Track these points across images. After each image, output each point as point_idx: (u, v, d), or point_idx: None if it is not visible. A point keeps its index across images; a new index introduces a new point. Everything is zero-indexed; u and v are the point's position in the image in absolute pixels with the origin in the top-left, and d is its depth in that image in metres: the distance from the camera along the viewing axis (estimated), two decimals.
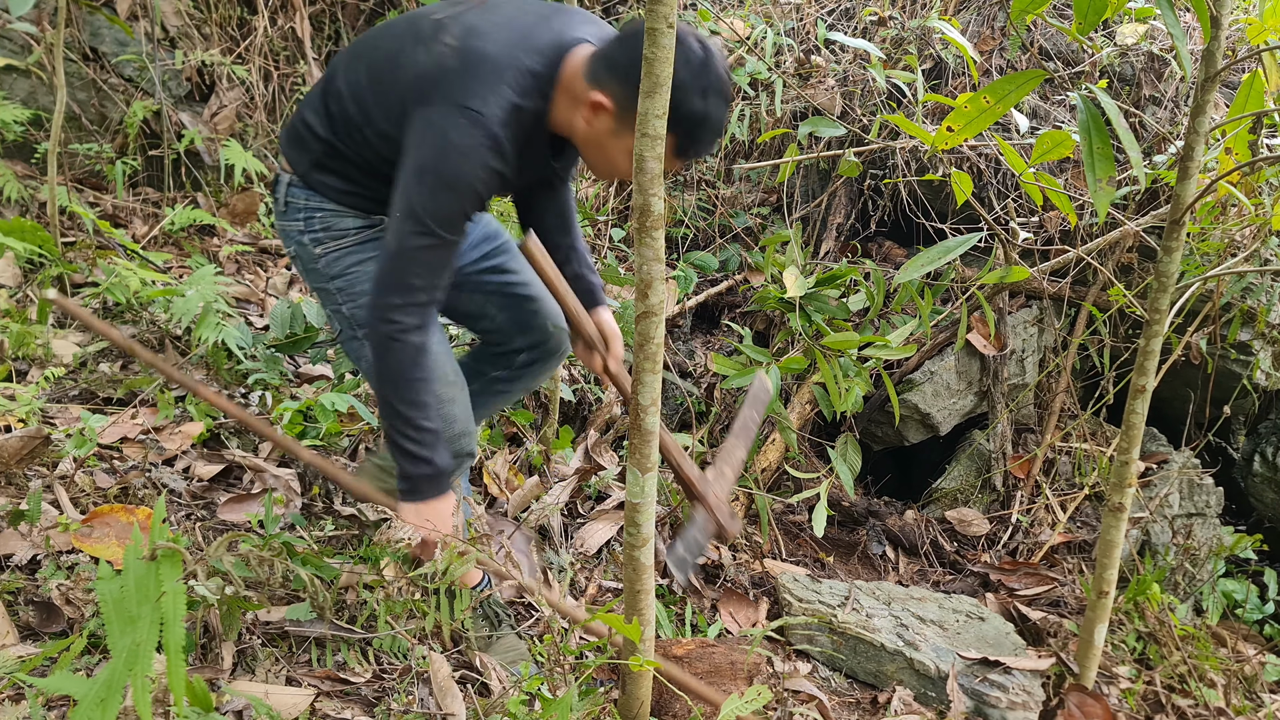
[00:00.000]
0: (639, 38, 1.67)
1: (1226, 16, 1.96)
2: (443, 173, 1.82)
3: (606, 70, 1.86)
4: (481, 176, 1.84)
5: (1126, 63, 4.32)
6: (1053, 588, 3.47)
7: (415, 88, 1.88)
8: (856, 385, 3.27)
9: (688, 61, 1.79)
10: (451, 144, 1.81)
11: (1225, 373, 4.21)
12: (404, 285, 1.87)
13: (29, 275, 3.52)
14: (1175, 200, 2.10)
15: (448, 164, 1.82)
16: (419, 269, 1.87)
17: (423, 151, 1.84)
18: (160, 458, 2.83)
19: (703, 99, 1.83)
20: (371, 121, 1.97)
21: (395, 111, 1.92)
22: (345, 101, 2.00)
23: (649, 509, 1.83)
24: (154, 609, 1.37)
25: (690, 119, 1.84)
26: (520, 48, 1.90)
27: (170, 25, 4.51)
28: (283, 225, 2.14)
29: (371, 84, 1.97)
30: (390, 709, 2.00)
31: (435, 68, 1.87)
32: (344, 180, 2.06)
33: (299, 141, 2.09)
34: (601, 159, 1.99)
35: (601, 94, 1.86)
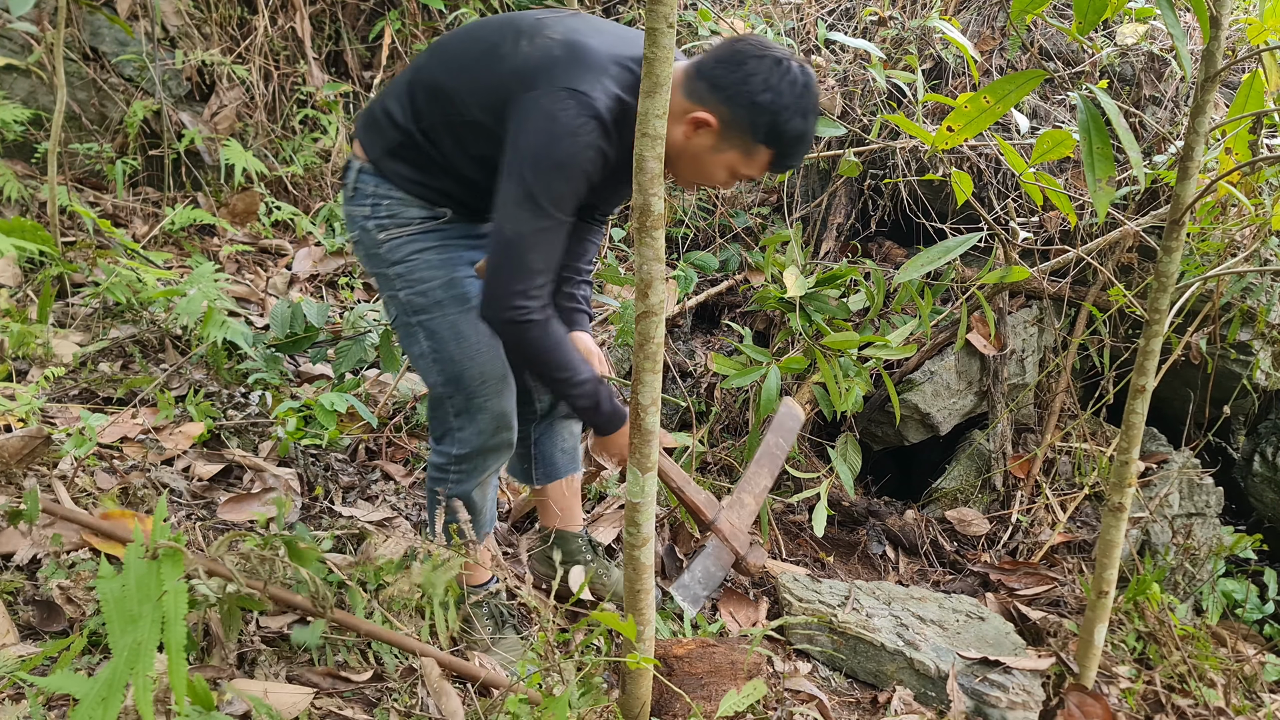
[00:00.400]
0: (736, 58, 1.91)
1: (1226, 17, 1.96)
2: (553, 153, 1.87)
3: (710, 89, 1.94)
4: (590, 155, 1.89)
5: (1126, 63, 4.32)
6: (1053, 587, 3.47)
7: (520, 75, 1.93)
8: (856, 385, 3.26)
9: (793, 84, 1.91)
10: (560, 125, 1.86)
11: (1225, 373, 4.21)
12: (525, 270, 1.92)
13: (29, 275, 3.52)
14: (1175, 200, 2.10)
15: (557, 145, 1.87)
16: (537, 252, 1.93)
17: (531, 136, 1.89)
18: (160, 457, 2.83)
19: (804, 120, 1.95)
20: (462, 111, 2.01)
21: (493, 100, 1.97)
22: (434, 92, 2.05)
23: (649, 509, 1.83)
24: (155, 608, 1.37)
25: (791, 137, 1.96)
26: (621, 49, 2.00)
27: (170, 25, 4.51)
28: (349, 210, 2.19)
29: (466, 74, 2.02)
30: (390, 709, 2.00)
31: (542, 56, 1.94)
32: (414, 170, 2.10)
33: (376, 128, 2.13)
34: (694, 170, 2.06)
35: (705, 111, 1.94)
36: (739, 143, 1.97)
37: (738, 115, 1.92)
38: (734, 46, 1.95)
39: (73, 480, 2.52)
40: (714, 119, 1.94)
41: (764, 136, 1.95)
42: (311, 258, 4.38)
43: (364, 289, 4.34)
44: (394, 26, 5.00)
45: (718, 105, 1.94)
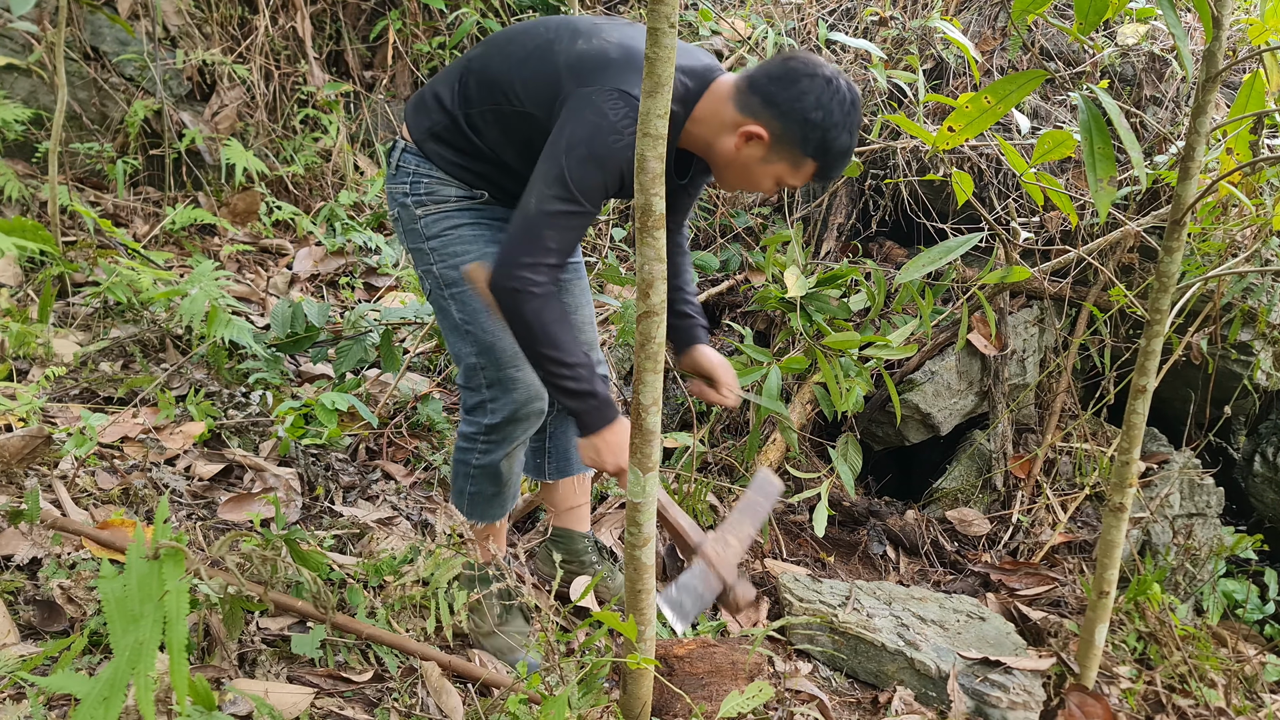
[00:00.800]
0: (791, 75, 2.00)
1: (1228, 17, 1.96)
2: (595, 146, 1.93)
3: (763, 104, 2.02)
4: (629, 156, 1.92)
5: (1127, 63, 4.32)
6: (1053, 588, 3.47)
7: (574, 71, 2.01)
8: (857, 385, 3.26)
9: (842, 103, 2.00)
10: (608, 121, 1.93)
11: (1226, 373, 4.21)
12: (537, 245, 1.96)
13: (30, 274, 3.52)
14: (1176, 200, 2.10)
15: (600, 139, 1.93)
16: (555, 232, 1.96)
17: (577, 126, 1.95)
18: (161, 457, 2.83)
19: (850, 136, 2.04)
20: (512, 101, 2.09)
21: (545, 93, 2.04)
22: (486, 81, 2.13)
23: (650, 509, 1.83)
24: (157, 608, 1.37)
25: (838, 151, 2.04)
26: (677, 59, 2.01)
27: (171, 24, 4.51)
28: (390, 188, 2.27)
29: (521, 66, 2.10)
30: (390, 709, 2.00)
31: (598, 55, 2.02)
32: (456, 153, 2.18)
33: (424, 109, 2.21)
34: (743, 178, 2.14)
35: (757, 124, 2.02)
36: (788, 155, 2.05)
37: (789, 130, 2.00)
38: (788, 64, 2.03)
39: (73, 480, 2.52)
40: (766, 132, 2.02)
41: (813, 150, 2.03)
42: (312, 257, 4.38)
43: (364, 289, 4.34)
44: (395, 26, 5.00)
45: (771, 120, 2.01)
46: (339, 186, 4.82)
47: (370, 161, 5.03)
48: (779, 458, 3.74)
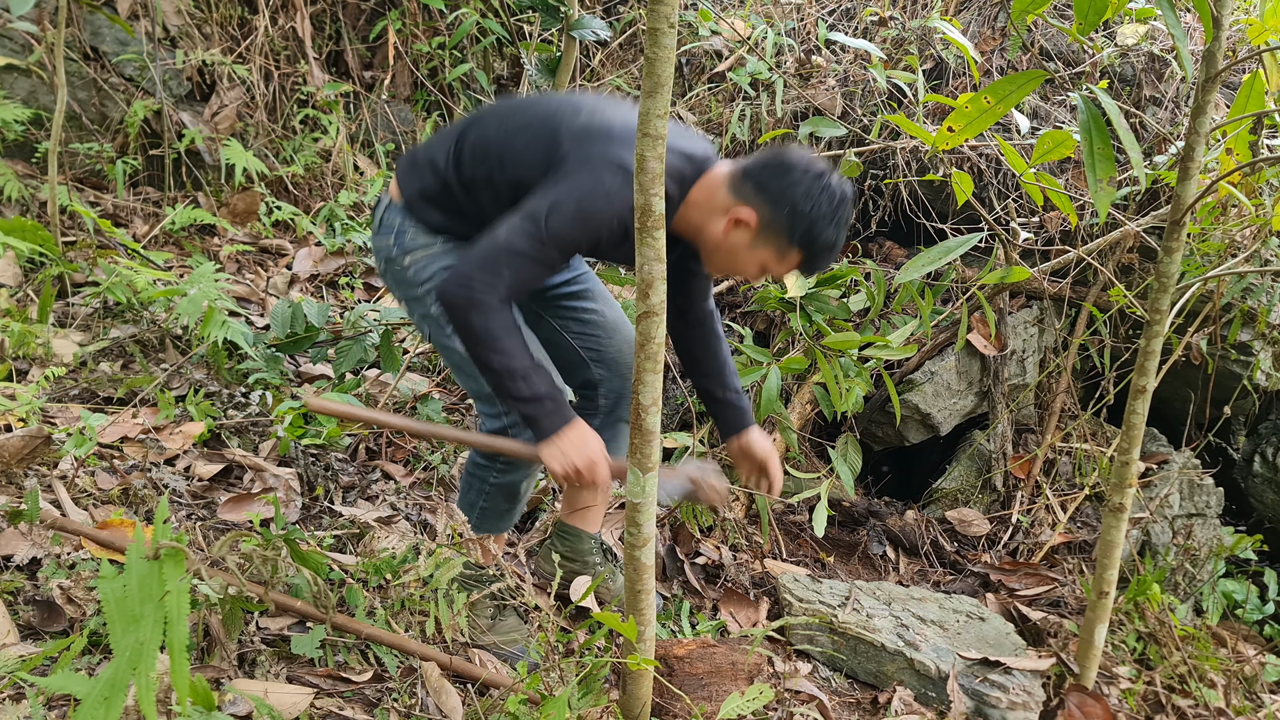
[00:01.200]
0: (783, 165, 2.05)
1: (1227, 17, 1.96)
2: (583, 205, 1.97)
3: (755, 190, 2.06)
4: (612, 225, 1.99)
5: (1127, 63, 4.32)
6: (1053, 588, 3.47)
7: (578, 138, 2.04)
8: (857, 385, 3.27)
9: (831, 197, 2.04)
10: (602, 187, 1.97)
11: (1225, 373, 4.21)
12: (493, 269, 1.96)
13: (29, 275, 3.52)
14: (1176, 201, 2.10)
15: (591, 201, 1.97)
16: (511, 270, 1.97)
17: (572, 182, 1.99)
18: (161, 457, 2.83)
19: (836, 230, 2.07)
20: (507, 167, 2.11)
21: (542, 157, 2.07)
22: (483, 148, 2.15)
23: (649, 509, 1.83)
24: (157, 608, 1.37)
25: (822, 243, 2.07)
26: (677, 142, 2.11)
27: (171, 24, 4.51)
28: (375, 243, 2.29)
29: (519, 134, 2.13)
30: (390, 709, 2.00)
31: (603, 127, 2.06)
32: (445, 215, 2.20)
33: (415, 171, 2.23)
34: (729, 262, 2.17)
35: (748, 209, 2.06)
36: (775, 242, 2.08)
37: (778, 217, 2.04)
38: (783, 155, 2.08)
39: (73, 480, 2.52)
40: (755, 218, 2.06)
41: (799, 240, 2.06)
42: (312, 257, 4.38)
43: (364, 289, 4.34)
44: (395, 26, 5.00)
45: (761, 205, 2.05)
46: (339, 187, 4.82)
47: (370, 162, 5.03)
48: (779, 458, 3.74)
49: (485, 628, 2.37)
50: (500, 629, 2.39)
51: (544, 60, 2.86)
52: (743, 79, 4.57)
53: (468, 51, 5.16)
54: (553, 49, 2.90)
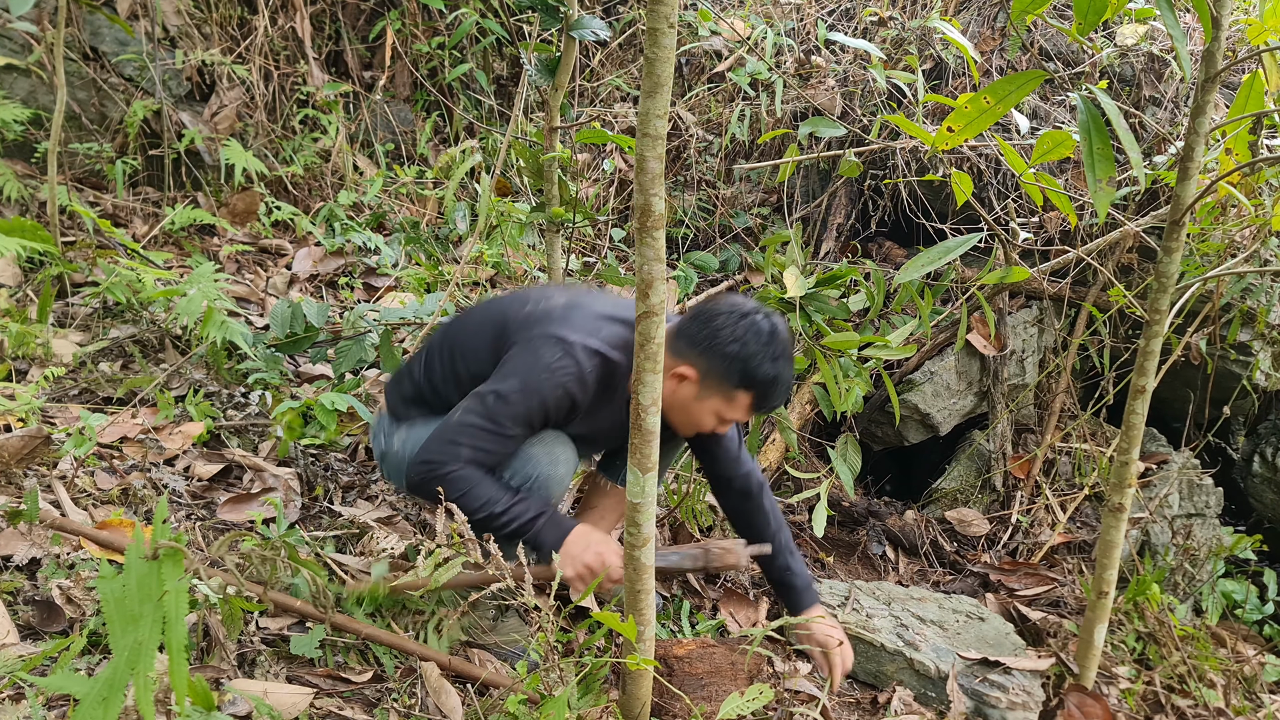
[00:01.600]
0: (706, 315, 2.15)
1: (1227, 17, 1.96)
2: (526, 379, 2.11)
3: (687, 345, 2.16)
4: (557, 394, 2.12)
5: (1126, 63, 4.32)
6: (1052, 588, 3.47)
7: (522, 326, 2.21)
8: (856, 385, 3.26)
9: (758, 334, 2.12)
10: (541, 361, 2.12)
11: (1225, 373, 4.21)
12: (449, 444, 2.10)
13: (29, 275, 3.52)
14: (1175, 201, 2.10)
15: (532, 374, 2.11)
16: (467, 438, 2.10)
17: (516, 363, 2.15)
18: (160, 457, 2.83)
19: (774, 364, 2.14)
20: (469, 363, 2.29)
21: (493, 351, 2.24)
22: (449, 348, 2.35)
23: (649, 509, 1.83)
24: (156, 608, 1.37)
25: (764, 380, 2.14)
26: (616, 313, 2.25)
27: (171, 24, 4.51)
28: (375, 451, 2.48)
29: (477, 333, 2.32)
30: (390, 709, 2.00)
31: (543, 312, 2.23)
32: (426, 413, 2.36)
33: (397, 382, 2.46)
34: (685, 419, 2.26)
35: (685, 366, 2.16)
36: (718, 390, 2.16)
37: (712, 366, 2.13)
38: (705, 305, 2.20)
39: (72, 480, 2.52)
40: (694, 372, 2.15)
41: (739, 382, 2.14)
42: (311, 258, 4.38)
43: (364, 289, 4.34)
44: (394, 26, 5.00)
45: (695, 359, 2.15)
46: (338, 187, 4.82)
47: (369, 162, 5.03)
48: (778, 458, 3.74)
49: (487, 628, 2.37)
50: (502, 629, 2.39)
51: (543, 60, 2.86)
52: (742, 79, 4.57)
53: (467, 51, 5.16)
54: (552, 49, 2.90)
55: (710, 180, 4.80)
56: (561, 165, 3.03)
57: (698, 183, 4.78)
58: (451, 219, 4.55)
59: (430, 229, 4.64)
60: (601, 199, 4.65)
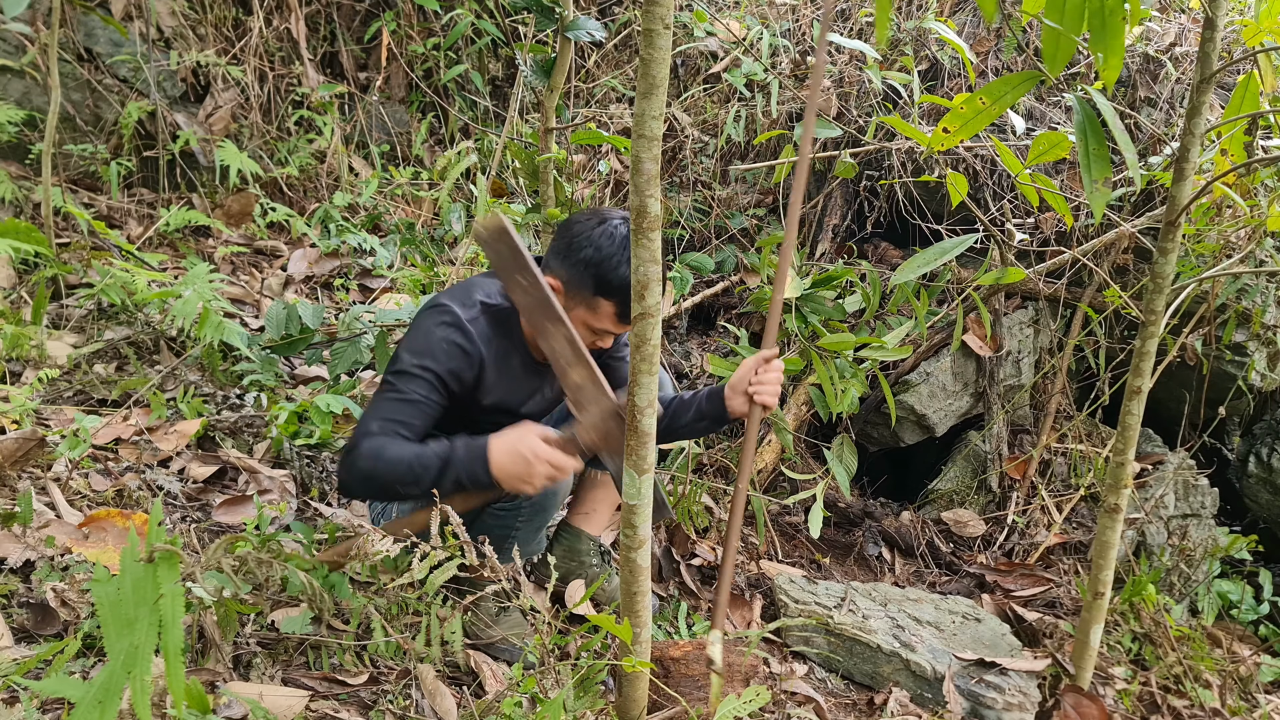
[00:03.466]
0: (565, 224, 2.19)
1: (1222, 18, 1.96)
2: (412, 346, 2.15)
3: (551, 256, 2.20)
4: (444, 348, 2.14)
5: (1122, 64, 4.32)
6: (1048, 589, 3.47)
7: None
8: (852, 386, 3.26)
9: (611, 237, 2.13)
10: (421, 327, 2.16)
11: (1220, 374, 4.21)
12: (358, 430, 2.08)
13: (23, 276, 3.51)
14: (1171, 202, 2.10)
15: (416, 340, 2.15)
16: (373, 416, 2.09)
17: (401, 341, 2.19)
18: (155, 459, 2.82)
19: (627, 267, 2.08)
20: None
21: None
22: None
23: (645, 511, 1.83)
24: (152, 611, 1.37)
25: (618, 285, 2.12)
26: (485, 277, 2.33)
27: (165, 26, 4.50)
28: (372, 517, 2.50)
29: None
30: (385, 711, 1.99)
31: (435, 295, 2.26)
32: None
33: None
34: None
35: (551, 278, 2.16)
36: (580, 299, 2.17)
37: (573, 274, 2.15)
38: (567, 220, 2.22)
39: (67, 482, 2.52)
40: (558, 281, 2.17)
41: (594, 287, 2.14)
42: (307, 259, 4.37)
43: (359, 290, 4.33)
44: (389, 28, 4.99)
45: (559, 269, 2.18)
46: (334, 188, 4.81)
47: (365, 163, 5.02)
48: (774, 459, 3.74)
49: (488, 624, 2.38)
50: (505, 624, 2.39)
51: (539, 61, 2.86)
52: (738, 80, 4.57)
53: (463, 53, 5.16)
54: (548, 50, 2.90)
55: (706, 181, 4.80)
56: (557, 166, 3.03)
57: (693, 184, 4.78)
58: (447, 220, 4.55)
59: (425, 230, 4.63)
60: (597, 200, 4.64)
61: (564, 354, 2.09)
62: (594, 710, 1.99)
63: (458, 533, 1.93)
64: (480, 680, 2.18)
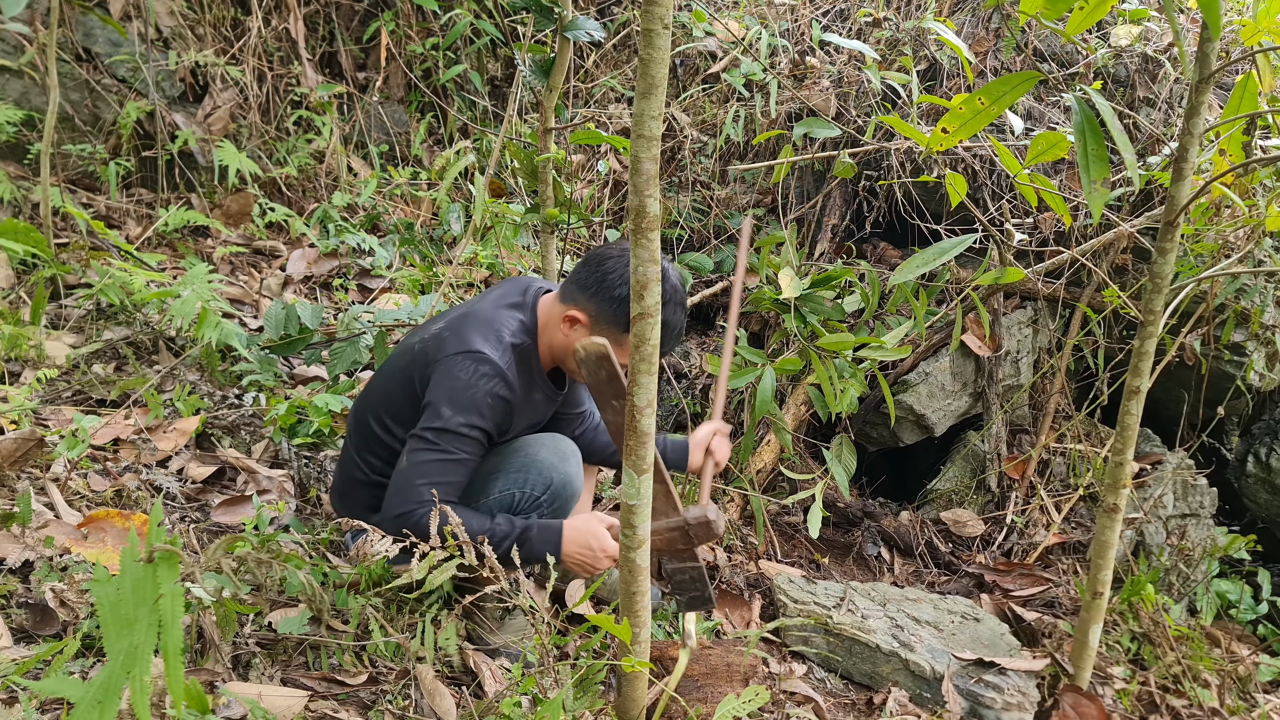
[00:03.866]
0: (596, 259, 2.18)
1: (1221, 18, 1.96)
2: (455, 401, 2.10)
3: (577, 288, 2.20)
4: (489, 403, 2.13)
5: (1120, 64, 4.33)
6: (1047, 588, 3.47)
7: (427, 359, 2.19)
8: (851, 386, 3.26)
9: None
10: (461, 379, 2.12)
11: (1219, 374, 4.22)
12: (410, 495, 2.08)
13: (22, 276, 3.51)
14: (1170, 201, 2.10)
15: (459, 395, 2.11)
16: (426, 480, 2.09)
17: (437, 390, 2.13)
18: (154, 459, 2.82)
19: (669, 309, 2.15)
20: (381, 415, 2.29)
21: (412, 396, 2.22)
22: (361, 412, 2.35)
23: (645, 511, 1.83)
24: (152, 611, 1.37)
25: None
26: (503, 304, 2.27)
27: (164, 26, 4.50)
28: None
29: (386, 389, 2.31)
30: (385, 711, 1.99)
31: (434, 340, 2.22)
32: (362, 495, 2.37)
33: (348, 497, 2.41)
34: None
35: (575, 310, 2.19)
36: (609, 334, 2.18)
37: (603, 309, 2.17)
38: (594, 251, 2.23)
39: (66, 482, 2.51)
40: (583, 315, 2.19)
41: (627, 326, 2.09)
42: (306, 259, 4.37)
43: (358, 290, 4.33)
44: (388, 28, 4.99)
45: (586, 302, 2.18)
46: (332, 188, 4.81)
47: (363, 163, 5.02)
48: (774, 459, 3.74)
49: (494, 628, 2.37)
50: (510, 628, 2.39)
51: (538, 61, 2.86)
52: (737, 80, 4.57)
53: (461, 53, 5.15)
54: (547, 50, 2.90)
55: (705, 181, 4.80)
56: (556, 166, 3.03)
57: (692, 184, 4.78)
58: (446, 220, 4.54)
59: (424, 230, 4.63)
60: (596, 200, 4.65)
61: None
62: (593, 710, 1.99)
63: (457, 534, 1.93)
64: (479, 680, 2.18)
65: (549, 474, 2.24)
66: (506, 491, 2.23)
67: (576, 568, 2.17)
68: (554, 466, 2.25)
